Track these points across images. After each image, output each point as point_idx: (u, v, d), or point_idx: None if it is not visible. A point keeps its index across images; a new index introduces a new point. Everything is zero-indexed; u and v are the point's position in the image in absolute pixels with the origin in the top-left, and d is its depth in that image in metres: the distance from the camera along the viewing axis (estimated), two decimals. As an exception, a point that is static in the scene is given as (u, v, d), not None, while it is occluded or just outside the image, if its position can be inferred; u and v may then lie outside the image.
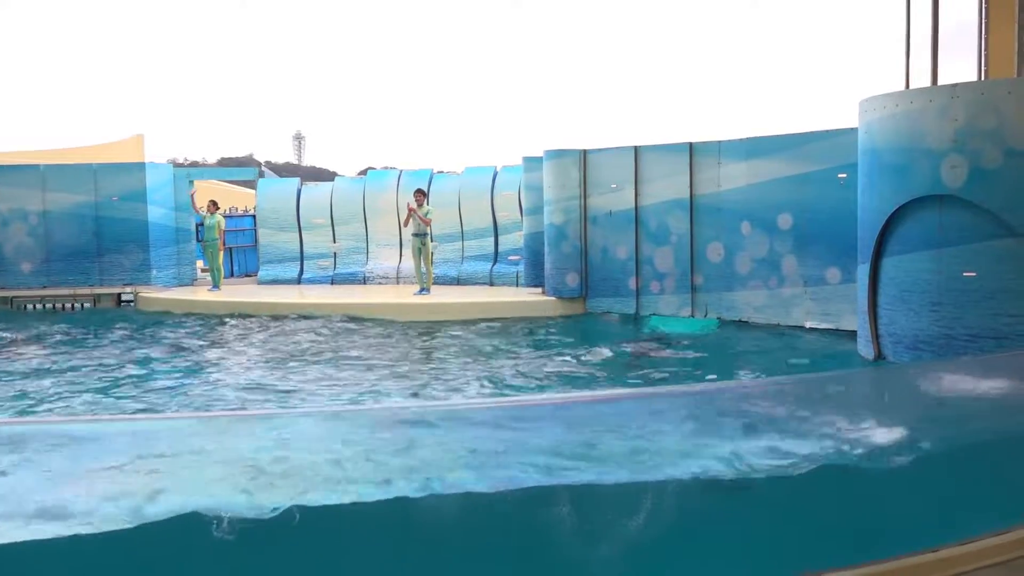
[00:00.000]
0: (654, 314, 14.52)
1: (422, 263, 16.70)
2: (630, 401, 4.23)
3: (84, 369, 11.38)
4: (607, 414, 3.84)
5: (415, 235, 16.71)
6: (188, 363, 11.93)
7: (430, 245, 16.81)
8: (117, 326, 15.20)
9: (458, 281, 18.50)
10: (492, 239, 18.67)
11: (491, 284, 18.20)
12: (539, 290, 16.31)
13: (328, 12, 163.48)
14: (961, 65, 13.20)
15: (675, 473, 3.58)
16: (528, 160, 16.78)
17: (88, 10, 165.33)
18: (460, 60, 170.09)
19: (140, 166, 19.25)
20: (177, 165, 21.81)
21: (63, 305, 18.14)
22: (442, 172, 20.49)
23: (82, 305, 18.20)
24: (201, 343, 13.57)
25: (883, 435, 4.15)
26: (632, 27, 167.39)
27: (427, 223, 16.62)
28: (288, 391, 9.91)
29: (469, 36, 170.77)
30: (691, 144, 14.21)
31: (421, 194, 16.92)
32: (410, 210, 16.66)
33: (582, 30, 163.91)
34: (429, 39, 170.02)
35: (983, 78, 12.90)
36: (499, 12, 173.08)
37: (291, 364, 11.46)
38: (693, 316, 14.14)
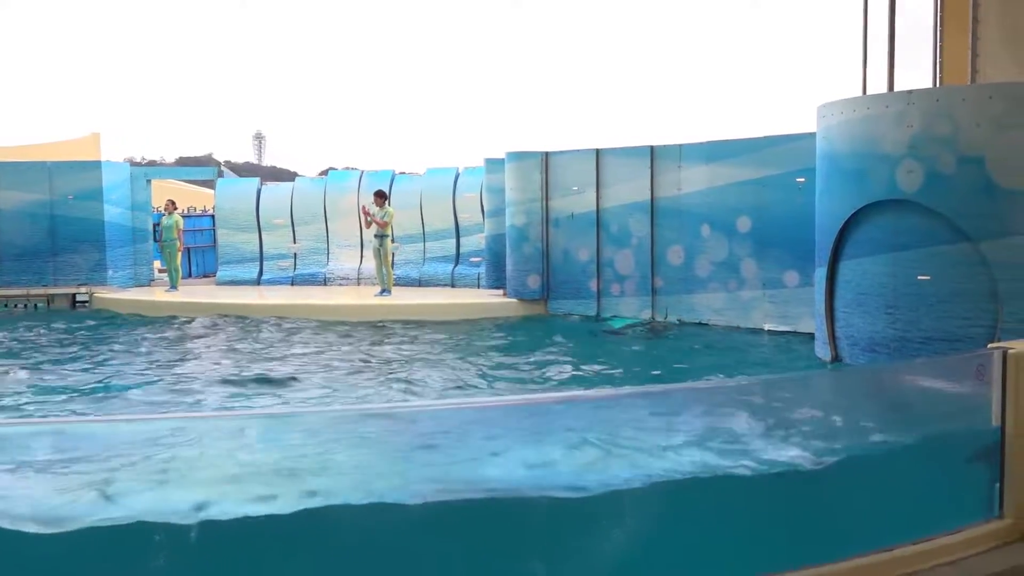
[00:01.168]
0: (615, 316, 14.58)
1: (382, 264, 16.61)
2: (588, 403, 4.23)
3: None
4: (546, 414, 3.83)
5: (375, 236, 16.63)
6: (133, 364, 11.73)
7: (390, 246, 16.73)
8: (64, 326, 14.96)
9: (420, 282, 18.44)
10: (454, 241, 18.64)
11: (452, 286, 18.17)
12: (500, 292, 16.31)
13: (290, 11, 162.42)
14: (917, 72, 13.39)
15: (622, 475, 3.59)
16: (490, 162, 16.78)
17: (44, 6, 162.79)
18: (423, 62, 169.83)
19: (96, 165, 18.96)
20: (134, 164, 21.54)
21: (16, 305, 17.81)
22: (404, 173, 20.43)
23: (35, 306, 17.87)
24: (150, 344, 13.35)
25: (838, 437, 4.19)
26: (595, 30, 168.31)
27: (382, 225, 16.51)
28: (234, 395, 9.72)
29: (432, 37, 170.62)
30: (652, 147, 14.29)
31: (380, 196, 16.84)
32: (364, 213, 16.59)
33: (545, 33, 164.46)
34: (391, 39, 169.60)
35: (938, 85, 13.12)
36: (462, 14, 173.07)
37: (242, 366, 11.30)
38: (653, 318, 14.21)
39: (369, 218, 16.48)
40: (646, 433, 3.78)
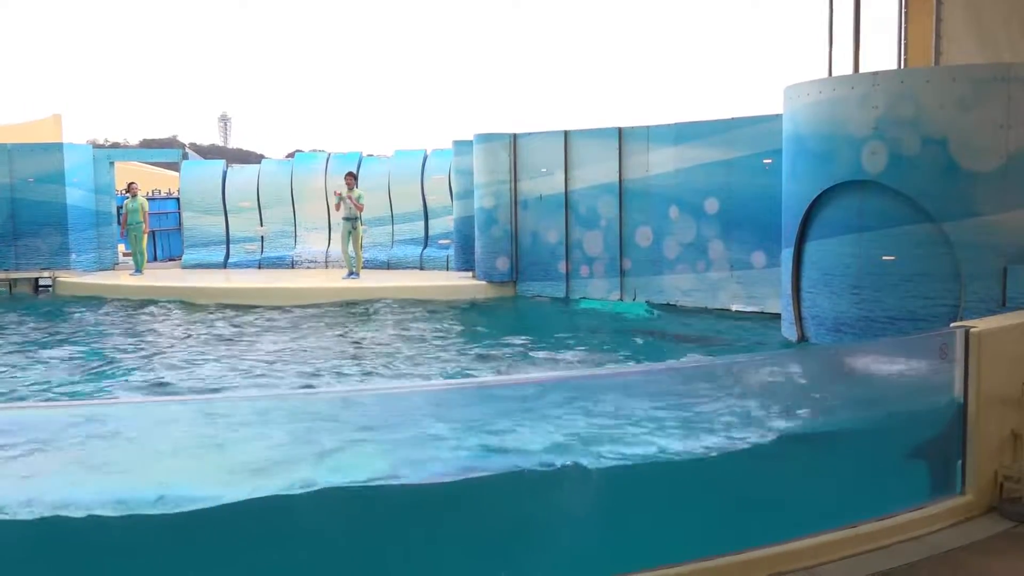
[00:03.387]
0: (584, 297, 14.62)
1: (351, 247, 16.52)
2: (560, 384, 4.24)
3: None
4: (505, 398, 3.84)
5: (345, 219, 16.52)
6: (93, 352, 11.58)
7: (360, 229, 16.63)
8: (22, 312, 14.75)
9: (388, 265, 18.37)
10: (422, 223, 18.59)
11: (421, 268, 18.12)
12: (469, 274, 16.29)
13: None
14: (882, 54, 13.49)
15: (583, 457, 3.61)
16: (458, 144, 16.72)
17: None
18: (390, 42, 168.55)
19: (58, 147, 18.65)
20: (97, 146, 21.23)
21: (-23, 290, 17.55)
22: (371, 155, 20.31)
23: (-3, 290, 17.64)
24: (113, 330, 13.17)
25: (804, 415, 4.23)
26: (563, 10, 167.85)
27: (360, 208, 16.45)
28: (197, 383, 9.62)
29: (398, 17, 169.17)
30: (620, 129, 14.30)
31: (352, 177, 16.73)
32: (339, 195, 16.46)
33: (513, 15, 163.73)
34: (357, 20, 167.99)
35: (903, 67, 13.23)
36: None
37: (205, 354, 11.18)
38: (622, 300, 14.27)
39: (346, 200, 16.35)
40: (606, 416, 3.80)
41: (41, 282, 17.86)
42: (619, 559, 3.48)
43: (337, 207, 16.79)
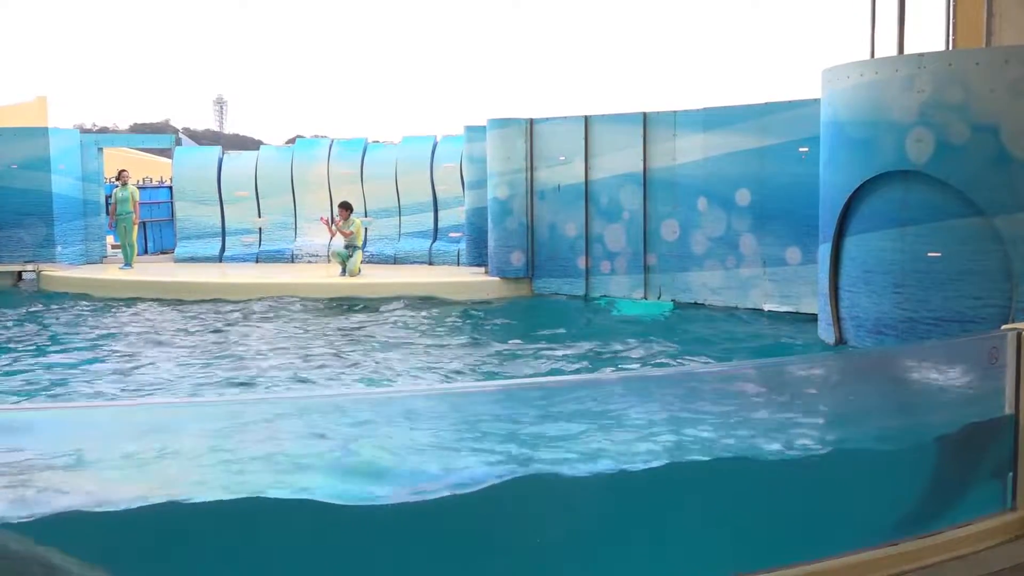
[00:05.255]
0: (604, 296, 14.61)
1: (348, 265, 16.46)
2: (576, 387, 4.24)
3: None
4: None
5: (345, 247, 16.57)
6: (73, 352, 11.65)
7: (360, 258, 16.61)
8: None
9: (395, 260, 18.41)
10: (431, 215, 18.61)
11: (430, 263, 18.15)
12: (482, 270, 16.30)
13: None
14: (929, 34, 13.42)
15: (606, 465, 3.62)
16: (470, 130, 16.73)
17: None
18: (397, 20, 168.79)
19: (43, 131, 18.77)
20: (85, 131, 21.41)
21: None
22: (377, 142, 20.38)
23: (-22, 284, 17.80)
24: (92, 328, 13.23)
25: (841, 424, 4.22)
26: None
27: (347, 235, 16.53)
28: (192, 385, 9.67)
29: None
30: (645, 114, 14.28)
31: (345, 209, 16.78)
32: (327, 227, 16.91)
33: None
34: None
35: (951, 47, 13.15)
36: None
37: (196, 354, 11.23)
38: (646, 298, 14.26)
39: (339, 231, 16.57)
40: (636, 419, 3.81)
41: (24, 275, 17.99)
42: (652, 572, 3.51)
43: (332, 235, 17.01)
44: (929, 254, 9.10)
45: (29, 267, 17.93)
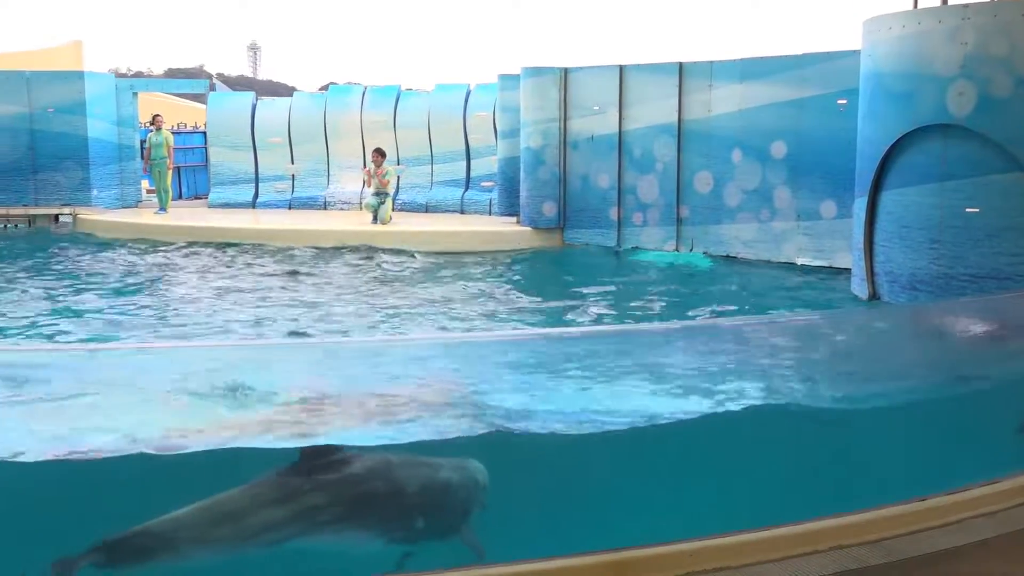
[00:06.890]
0: (636, 247, 14.58)
1: (379, 213, 16.44)
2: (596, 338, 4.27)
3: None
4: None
5: (375, 194, 16.52)
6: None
7: (389, 204, 16.59)
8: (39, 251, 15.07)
9: (427, 208, 18.42)
10: (464, 164, 18.55)
11: (462, 212, 18.15)
12: (513, 219, 16.28)
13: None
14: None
15: (654, 412, 3.64)
16: (504, 78, 16.62)
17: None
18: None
19: (79, 75, 18.85)
20: (119, 75, 21.46)
21: (-5, 226, 17.95)
22: (410, 90, 20.26)
23: (16, 226, 17.98)
24: (135, 273, 13.39)
25: (873, 380, 4.21)
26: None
27: (385, 184, 16.47)
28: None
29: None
30: (681, 64, 14.11)
31: (379, 154, 16.71)
32: (367, 173, 16.68)
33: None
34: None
35: (997, -1, 12.85)
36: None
37: (230, 300, 11.35)
38: (678, 250, 14.20)
39: (376, 178, 16.46)
40: (679, 369, 3.84)
41: (61, 218, 18.18)
42: (684, 524, 3.55)
43: (368, 183, 16.92)
44: (968, 210, 8.98)
45: (66, 210, 18.11)
